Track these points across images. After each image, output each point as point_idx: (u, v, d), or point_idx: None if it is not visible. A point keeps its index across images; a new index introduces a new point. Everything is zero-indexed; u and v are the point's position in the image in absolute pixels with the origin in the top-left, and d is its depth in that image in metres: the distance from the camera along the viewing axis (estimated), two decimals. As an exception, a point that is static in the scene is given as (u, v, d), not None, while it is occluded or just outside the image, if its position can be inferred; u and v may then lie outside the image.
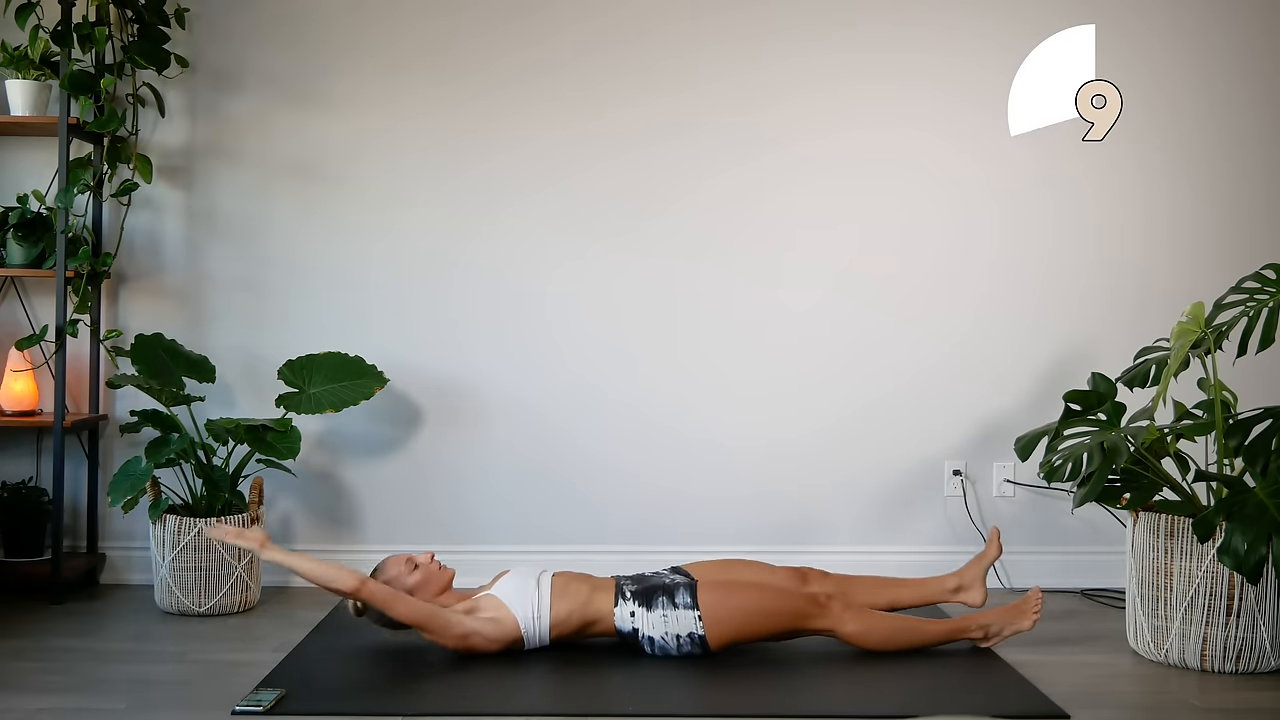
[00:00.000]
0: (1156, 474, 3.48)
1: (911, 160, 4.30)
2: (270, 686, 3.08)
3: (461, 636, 3.30)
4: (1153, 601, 3.43)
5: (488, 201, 4.28)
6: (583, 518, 4.31)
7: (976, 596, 3.62)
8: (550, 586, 3.38)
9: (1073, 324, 4.33)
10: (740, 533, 4.29)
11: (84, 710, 2.96)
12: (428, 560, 3.43)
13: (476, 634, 3.31)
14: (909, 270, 4.31)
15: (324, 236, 4.27)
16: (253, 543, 3.27)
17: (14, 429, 4.19)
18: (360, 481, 4.29)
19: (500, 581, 3.44)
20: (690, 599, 3.33)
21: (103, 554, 4.25)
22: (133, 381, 3.88)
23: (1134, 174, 4.32)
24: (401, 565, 3.42)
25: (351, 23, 4.26)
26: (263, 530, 3.36)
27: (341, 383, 4.04)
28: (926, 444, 4.32)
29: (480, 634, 3.31)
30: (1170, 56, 4.31)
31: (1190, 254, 4.32)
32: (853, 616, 3.36)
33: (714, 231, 4.29)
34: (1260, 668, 3.35)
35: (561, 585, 3.39)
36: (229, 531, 3.29)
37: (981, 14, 4.29)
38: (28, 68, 4.00)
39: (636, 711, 2.97)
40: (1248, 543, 3.06)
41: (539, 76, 4.27)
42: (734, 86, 4.28)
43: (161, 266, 4.27)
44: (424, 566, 3.42)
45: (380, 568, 3.44)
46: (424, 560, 3.43)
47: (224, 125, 4.26)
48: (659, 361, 4.30)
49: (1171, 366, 3.43)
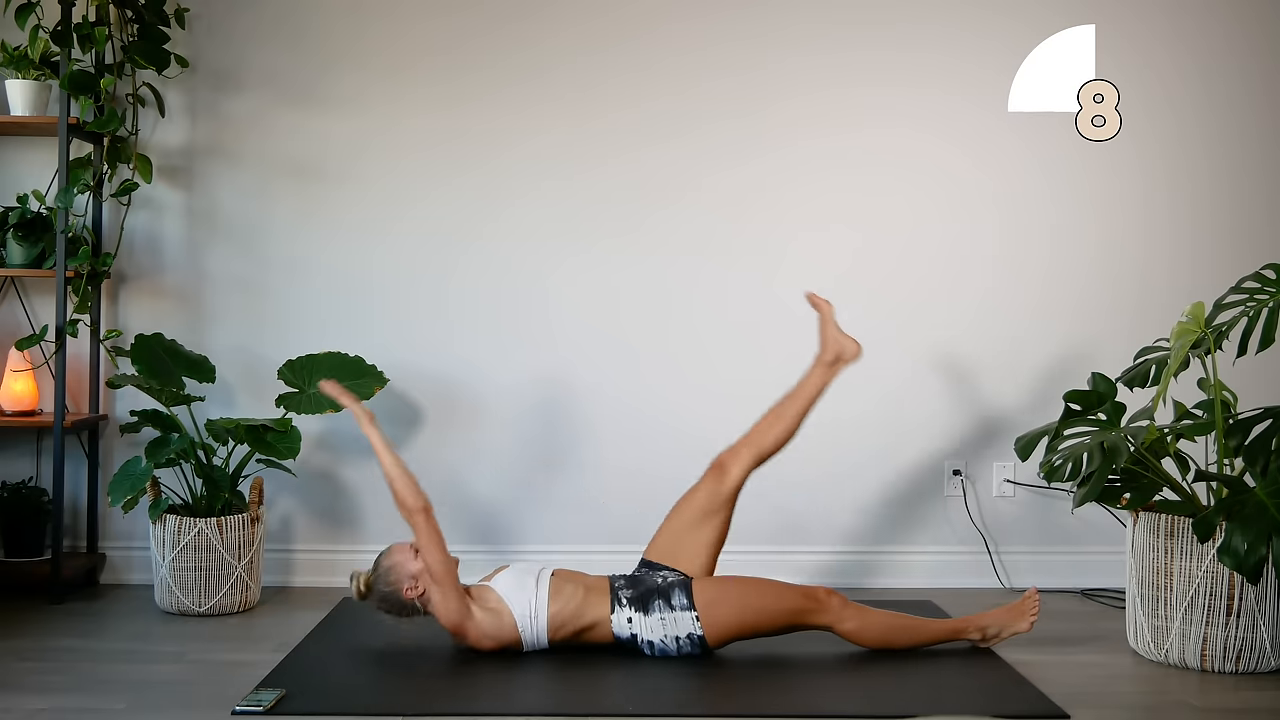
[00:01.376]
0: (1156, 474, 3.48)
1: (912, 160, 4.29)
2: (270, 686, 3.08)
3: (462, 619, 3.29)
4: (1153, 601, 3.43)
5: (488, 201, 4.28)
6: (583, 518, 4.31)
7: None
8: (549, 585, 3.37)
9: (1073, 324, 4.33)
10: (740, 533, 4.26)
11: (84, 710, 2.96)
12: None
13: (475, 624, 3.30)
14: (909, 269, 4.31)
15: (324, 236, 4.27)
16: (362, 415, 3.40)
17: (14, 429, 4.19)
18: (360, 481, 4.29)
19: (499, 576, 3.43)
20: (686, 599, 3.33)
21: (103, 554, 4.25)
22: (133, 381, 3.88)
23: (1134, 174, 4.32)
24: (406, 551, 3.42)
25: (352, 22, 4.26)
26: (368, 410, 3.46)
27: (342, 383, 4.04)
28: (926, 444, 4.32)
29: (477, 625, 3.31)
30: (1170, 56, 4.31)
31: (1190, 254, 4.33)
32: (852, 613, 3.36)
33: (714, 231, 4.29)
34: (1260, 668, 3.35)
35: (558, 585, 3.38)
36: (341, 390, 3.48)
37: (982, 14, 4.29)
38: (28, 68, 4.00)
39: (636, 711, 2.97)
40: (1248, 543, 3.06)
41: (539, 76, 4.27)
42: (734, 86, 4.28)
43: (161, 266, 4.27)
44: None
45: (385, 553, 3.44)
46: None
47: (224, 125, 4.26)
48: (659, 361, 4.30)
49: (1171, 366, 3.43)
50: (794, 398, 3.61)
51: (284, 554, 4.27)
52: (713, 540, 3.52)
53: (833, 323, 3.63)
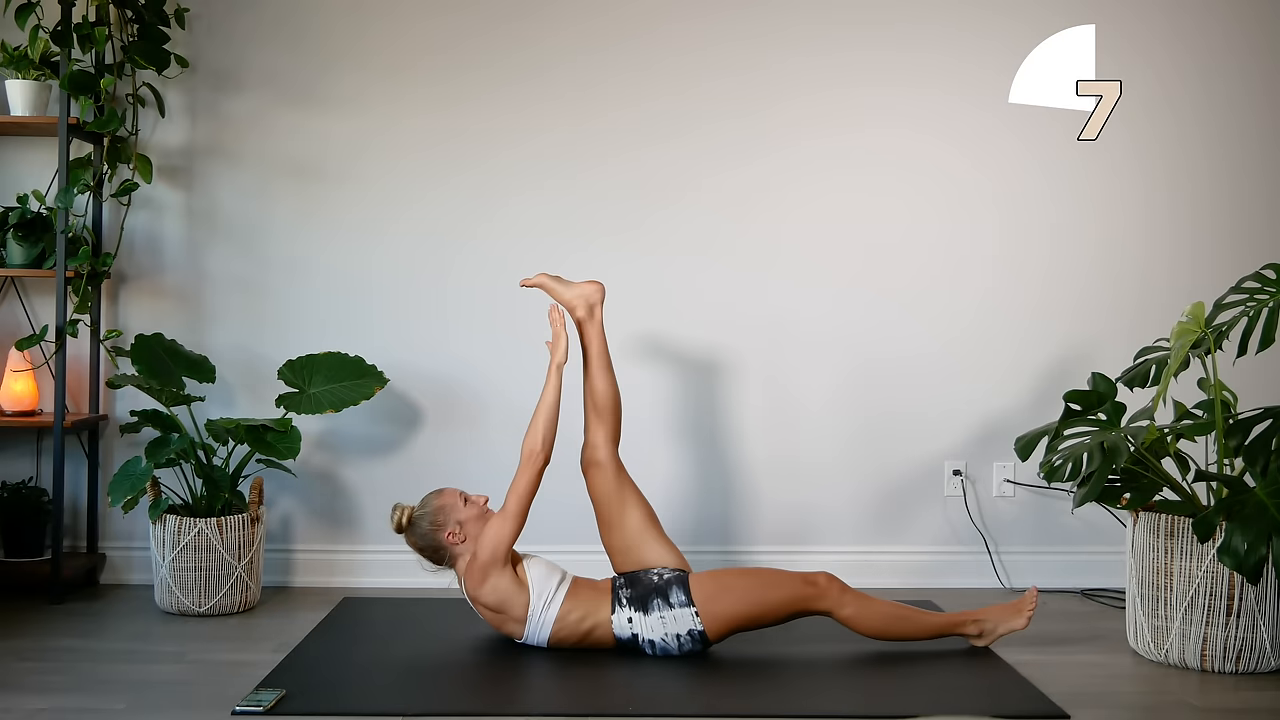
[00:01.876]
0: (1156, 474, 3.48)
1: (912, 160, 4.29)
2: (270, 686, 3.08)
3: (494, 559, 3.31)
4: (1153, 601, 3.43)
5: (488, 201, 4.28)
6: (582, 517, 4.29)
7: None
8: (564, 595, 3.38)
9: (1073, 324, 4.33)
10: (740, 533, 4.29)
11: (84, 710, 2.96)
12: (480, 503, 3.47)
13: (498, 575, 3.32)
14: (909, 269, 4.31)
15: (324, 236, 4.27)
16: (558, 353, 3.52)
17: (14, 429, 4.19)
18: (360, 481, 4.29)
19: (529, 563, 3.44)
20: (685, 595, 3.33)
21: (103, 554, 4.25)
22: (133, 381, 3.88)
23: (1134, 174, 4.32)
24: (457, 497, 3.45)
25: (352, 22, 4.26)
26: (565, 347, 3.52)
27: (341, 383, 4.04)
28: (926, 444, 4.32)
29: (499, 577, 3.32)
30: (1170, 56, 4.31)
31: (1190, 254, 4.33)
32: (851, 599, 3.36)
33: (714, 231, 4.29)
34: (1260, 668, 3.35)
35: (574, 591, 3.40)
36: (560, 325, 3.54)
37: (982, 14, 4.29)
38: (28, 68, 4.00)
39: (636, 711, 2.97)
40: (1248, 543, 3.06)
41: (539, 76, 4.27)
42: (734, 86, 4.28)
43: (161, 266, 4.27)
44: (475, 503, 3.46)
45: (437, 493, 3.47)
46: (478, 500, 3.47)
47: (224, 125, 4.26)
48: (659, 361, 4.30)
49: (1171, 366, 3.43)
50: (586, 366, 3.67)
51: (284, 554, 4.27)
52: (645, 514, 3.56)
53: (558, 284, 3.66)
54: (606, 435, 3.63)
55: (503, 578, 3.33)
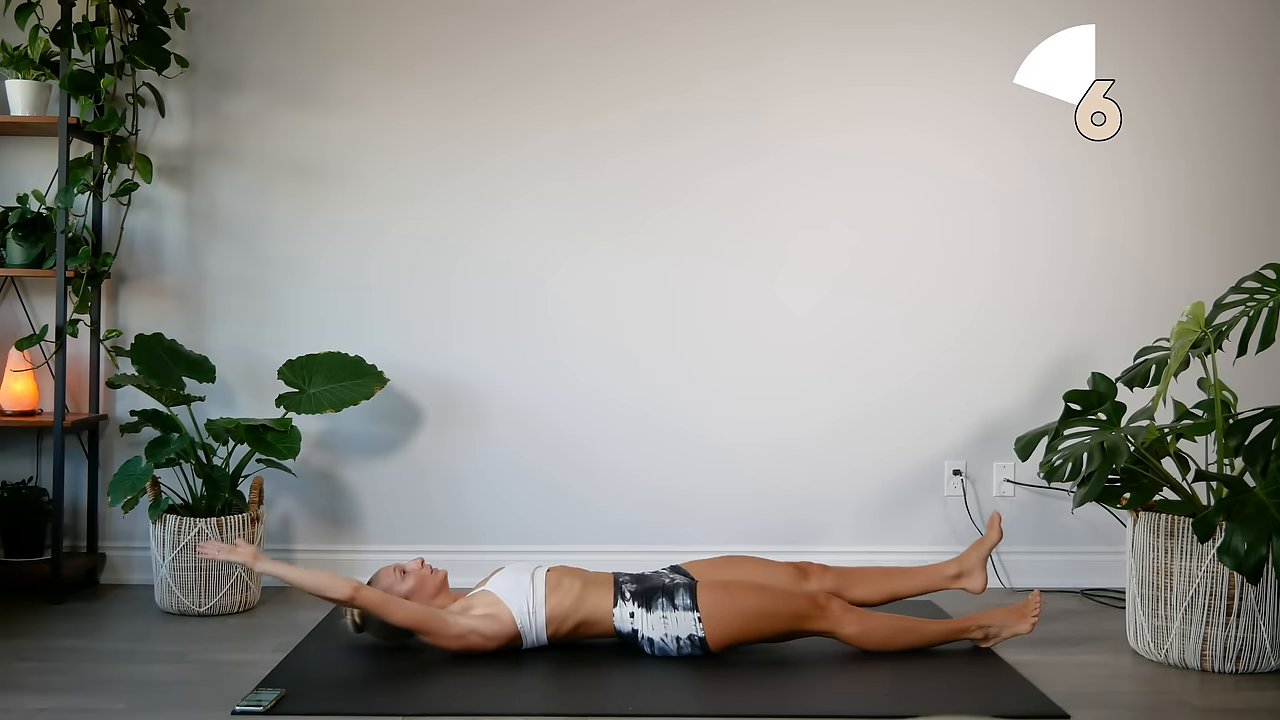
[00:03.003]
0: (1156, 474, 3.48)
1: (912, 160, 4.29)
2: (270, 686, 3.08)
3: (459, 635, 3.30)
4: (1153, 601, 3.43)
5: (488, 201, 4.28)
6: (582, 518, 4.31)
7: (976, 583, 3.62)
8: (545, 581, 3.38)
9: (1073, 324, 4.32)
10: (740, 532, 4.29)
11: (84, 710, 2.96)
12: (417, 566, 3.44)
13: (474, 632, 3.31)
14: (909, 270, 4.31)
15: (324, 236, 4.27)
16: (245, 557, 3.30)
17: (14, 429, 4.19)
18: (360, 481, 4.29)
19: (494, 578, 3.44)
20: (690, 600, 3.33)
21: (103, 554, 4.25)
22: (133, 381, 3.88)
23: (1134, 174, 4.32)
24: (392, 575, 3.44)
25: (352, 23, 4.26)
26: (252, 546, 3.36)
27: (341, 383, 4.04)
28: (926, 444, 4.32)
29: (478, 631, 3.31)
30: (1170, 56, 4.31)
31: (1190, 254, 4.32)
32: (853, 618, 3.36)
33: (714, 231, 4.29)
34: (1260, 668, 3.35)
35: (555, 580, 3.40)
36: (220, 548, 3.31)
37: (982, 14, 4.29)
38: (28, 68, 4.00)
39: (636, 711, 2.97)
40: (1248, 543, 3.06)
41: (539, 76, 4.27)
42: (734, 86, 4.28)
43: (161, 266, 4.27)
44: (414, 572, 3.43)
45: (373, 580, 3.46)
46: (413, 567, 3.44)
47: (224, 125, 4.26)
48: (659, 361, 4.30)
49: (1171, 366, 3.43)
50: (901, 577, 3.65)
51: (284, 554, 4.26)
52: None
53: (986, 552, 3.64)
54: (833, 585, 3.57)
55: (477, 628, 3.31)
